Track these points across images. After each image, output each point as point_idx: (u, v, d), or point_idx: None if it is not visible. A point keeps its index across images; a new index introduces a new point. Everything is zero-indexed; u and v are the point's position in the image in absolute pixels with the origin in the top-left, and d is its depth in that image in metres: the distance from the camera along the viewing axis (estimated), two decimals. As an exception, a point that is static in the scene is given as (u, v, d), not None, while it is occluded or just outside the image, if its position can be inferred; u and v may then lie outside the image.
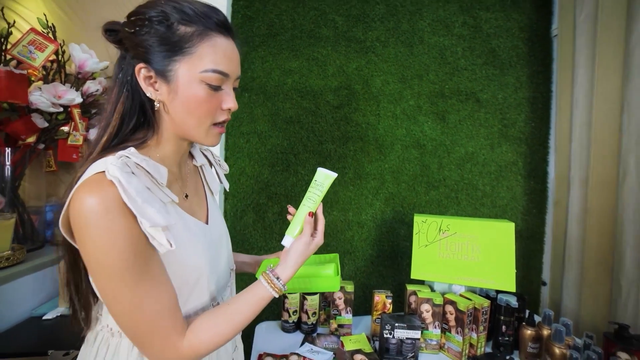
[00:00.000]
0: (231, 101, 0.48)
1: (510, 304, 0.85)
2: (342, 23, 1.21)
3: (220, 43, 0.45)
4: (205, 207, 0.58)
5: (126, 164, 0.39)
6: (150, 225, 0.38)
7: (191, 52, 0.43)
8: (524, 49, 1.27)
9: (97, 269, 0.39)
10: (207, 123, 0.47)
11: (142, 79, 0.44)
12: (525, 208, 1.29)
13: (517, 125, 1.28)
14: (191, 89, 0.44)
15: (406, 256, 1.23)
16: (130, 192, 0.37)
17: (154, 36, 0.42)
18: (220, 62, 0.45)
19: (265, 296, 0.50)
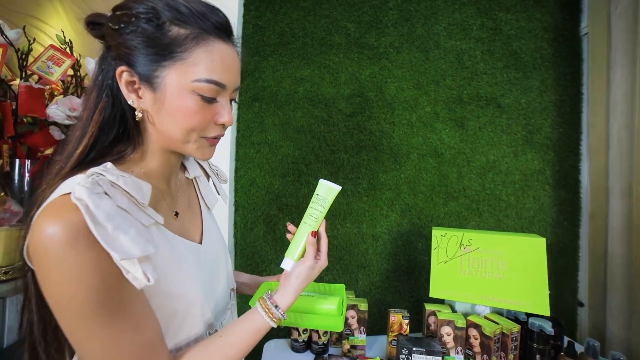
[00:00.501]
0: (227, 115, 0.41)
1: (545, 330, 0.76)
2: (354, 30, 1.18)
3: (218, 49, 0.39)
4: (200, 225, 0.52)
5: (97, 183, 0.34)
6: (121, 258, 0.31)
7: (183, 58, 0.37)
8: (548, 50, 1.20)
9: (62, 310, 0.33)
10: (194, 136, 0.41)
11: (124, 84, 0.38)
12: (555, 220, 1.19)
13: (543, 131, 1.20)
14: (180, 99, 0.38)
15: (424, 271, 1.16)
16: (98, 217, 0.31)
17: (140, 36, 0.36)
18: (217, 71, 0.39)
19: (261, 327, 0.45)
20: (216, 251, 0.52)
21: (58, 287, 0.32)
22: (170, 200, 0.47)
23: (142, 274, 0.32)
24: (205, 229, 0.52)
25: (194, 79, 0.38)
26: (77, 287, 0.31)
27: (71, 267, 0.31)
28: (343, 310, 0.59)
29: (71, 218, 0.31)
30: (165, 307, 0.40)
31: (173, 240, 0.43)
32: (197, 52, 0.38)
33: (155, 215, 0.40)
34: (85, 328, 0.33)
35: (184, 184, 0.53)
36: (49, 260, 0.31)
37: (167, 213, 0.46)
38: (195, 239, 0.49)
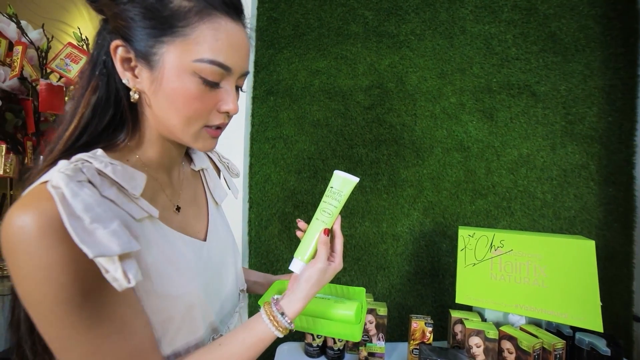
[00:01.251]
0: (231, 103, 0.37)
1: (598, 348, 0.66)
2: (373, 18, 1.12)
3: (225, 27, 0.34)
4: (205, 221, 0.48)
5: (81, 170, 0.30)
6: (94, 255, 0.27)
7: (185, 34, 0.33)
8: (595, 28, 1.06)
9: (34, 311, 0.29)
10: (196, 125, 0.37)
11: (119, 61, 0.35)
12: (602, 221, 1.06)
13: (587, 121, 1.07)
14: (179, 81, 0.34)
15: (449, 274, 1.07)
16: (74, 208, 0.28)
17: (138, 6, 0.33)
18: (223, 51, 0.34)
19: (265, 337, 0.39)
20: (223, 250, 0.48)
21: (28, 285, 0.28)
22: (171, 193, 0.44)
23: (122, 273, 0.28)
24: (211, 225, 0.48)
25: (196, 58, 0.34)
26: (48, 286, 0.28)
27: (41, 263, 0.28)
28: (362, 317, 0.52)
29: (45, 208, 0.28)
30: (160, 310, 0.36)
31: (171, 236, 0.39)
32: (200, 29, 0.33)
33: (149, 207, 0.36)
34: (61, 332, 0.29)
35: (189, 176, 0.49)
36: (19, 255, 0.28)
37: (167, 207, 0.42)
38: (199, 235, 0.46)
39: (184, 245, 0.41)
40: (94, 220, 0.28)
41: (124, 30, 0.34)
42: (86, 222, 0.28)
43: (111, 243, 0.28)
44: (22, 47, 0.76)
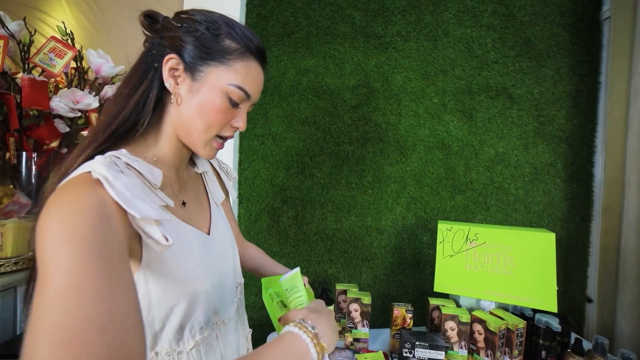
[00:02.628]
0: (242, 122, 0.48)
1: (552, 326, 0.74)
2: (360, 18, 1.14)
3: (254, 67, 0.46)
4: (208, 217, 0.54)
5: (114, 162, 0.36)
6: (140, 217, 0.33)
7: (228, 64, 0.44)
8: (565, 36, 1.14)
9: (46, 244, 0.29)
10: (212, 132, 0.46)
11: (168, 69, 0.43)
12: (566, 215, 1.16)
13: (556, 123, 1.15)
14: (213, 94, 0.44)
15: (429, 265, 1.14)
16: (118, 187, 0.33)
17: (197, 37, 0.43)
18: (248, 83, 0.46)
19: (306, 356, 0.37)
20: (224, 244, 0.53)
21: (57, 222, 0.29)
22: (177, 189, 0.49)
23: (160, 234, 0.35)
24: (213, 221, 0.53)
25: (231, 82, 0.44)
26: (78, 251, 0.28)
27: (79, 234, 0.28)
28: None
29: (91, 190, 0.32)
30: (170, 291, 0.40)
31: (181, 226, 0.45)
32: (239, 64, 0.45)
33: (166, 198, 0.41)
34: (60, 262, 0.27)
35: (193, 177, 0.55)
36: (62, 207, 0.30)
37: (175, 200, 0.47)
38: (203, 229, 0.50)
39: (192, 235, 0.46)
40: (134, 196, 0.34)
41: (180, 49, 0.43)
42: (129, 196, 0.34)
43: (150, 210, 0.35)
44: (4, 41, 0.74)
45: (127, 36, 1.15)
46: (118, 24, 1.16)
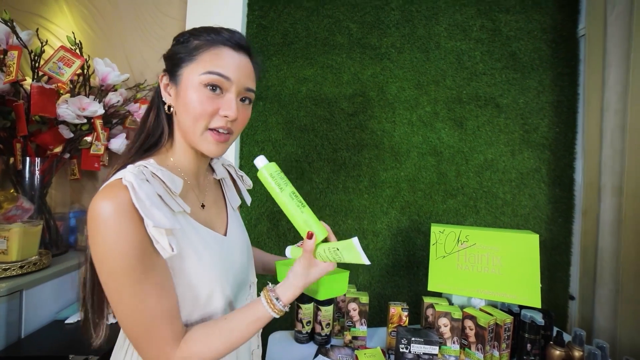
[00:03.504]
0: (229, 108, 0.47)
1: (536, 320, 0.80)
2: (357, 30, 1.20)
3: (226, 53, 0.48)
4: (225, 220, 0.58)
5: (142, 172, 0.43)
6: (153, 225, 0.39)
7: (196, 59, 0.47)
8: (547, 51, 1.22)
9: (102, 268, 0.41)
10: (201, 125, 0.47)
11: (163, 87, 0.50)
12: (550, 217, 1.23)
13: (540, 131, 1.23)
14: (191, 90, 0.47)
15: (423, 266, 1.20)
16: (140, 195, 0.40)
17: (172, 51, 0.50)
18: (221, 66, 0.47)
19: (263, 317, 0.47)
20: (240, 245, 0.58)
21: (101, 247, 0.39)
22: (198, 193, 0.55)
23: (167, 244, 0.40)
24: (230, 224, 0.58)
25: (201, 72, 0.46)
26: (116, 247, 0.39)
27: (115, 232, 0.39)
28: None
29: (120, 195, 0.40)
30: (191, 286, 0.46)
31: (199, 228, 0.50)
32: (206, 54, 0.47)
33: (184, 204, 0.47)
34: (118, 284, 0.40)
35: (212, 183, 0.60)
36: (100, 226, 0.39)
37: (195, 204, 0.52)
38: (220, 231, 0.55)
39: (210, 237, 0.51)
40: (152, 205, 0.41)
41: (166, 66, 0.50)
42: (147, 204, 0.40)
43: (162, 220, 0.40)
44: (18, 52, 0.76)
45: (128, 41, 1.18)
46: (119, 29, 1.18)
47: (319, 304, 0.95)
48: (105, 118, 1.04)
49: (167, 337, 0.42)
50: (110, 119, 1.08)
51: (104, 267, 0.40)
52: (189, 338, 0.44)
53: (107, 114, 1.03)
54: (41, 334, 0.86)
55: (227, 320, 0.46)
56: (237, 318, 0.47)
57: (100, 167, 1.04)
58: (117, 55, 1.16)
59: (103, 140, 0.98)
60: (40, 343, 0.82)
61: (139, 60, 1.18)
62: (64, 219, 1.09)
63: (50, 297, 0.92)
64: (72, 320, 0.91)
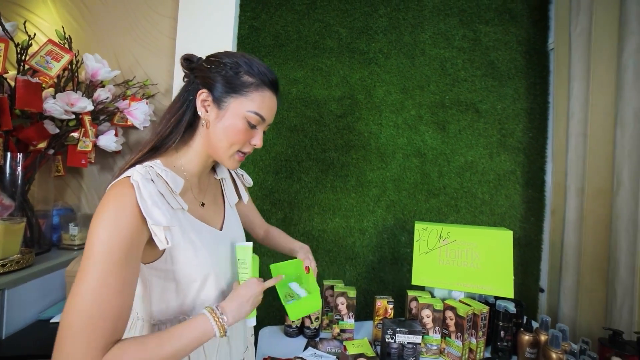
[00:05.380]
0: (258, 140, 0.58)
1: (509, 310, 0.87)
2: (346, 35, 1.24)
3: (267, 96, 0.57)
4: (222, 216, 0.64)
5: (148, 172, 0.49)
6: (152, 223, 0.45)
7: (246, 95, 0.55)
8: (521, 61, 1.31)
9: (87, 249, 0.43)
10: (234, 149, 0.56)
11: (200, 101, 0.55)
12: (524, 216, 1.32)
13: (515, 135, 1.32)
14: (234, 119, 0.54)
15: (406, 262, 1.25)
16: (143, 194, 0.45)
17: (223, 75, 0.55)
18: (263, 109, 0.56)
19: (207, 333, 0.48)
20: (234, 240, 0.63)
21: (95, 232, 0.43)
22: (198, 192, 0.60)
23: (164, 237, 0.46)
24: (226, 220, 0.63)
25: (248, 109, 0.55)
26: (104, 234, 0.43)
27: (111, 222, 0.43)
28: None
29: (127, 193, 0.45)
30: (186, 274, 0.52)
31: (196, 224, 0.55)
32: (255, 94, 0.55)
33: (182, 202, 0.53)
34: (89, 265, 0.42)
35: (212, 183, 0.66)
36: (103, 214, 0.44)
37: (194, 202, 0.58)
38: (216, 226, 0.61)
39: (206, 231, 0.57)
40: (153, 204, 0.46)
41: (210, 85, 0.55)
42: (149, 204, 0.46)
43: (160, 218, 0.46)
44: (5, 45, 0.74)
45: (116, 37, 1.16)
46: (107, 24, 1.17)
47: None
48: (93, 114, 1.02)
49: (101, 338, 0.40)
50: (98, 116, 1.06)
51: (89, 248, 0.42)
52: (121, 347, 0.42)
53: (94, 111, 1.02)
54: (23, 334, 0.84)
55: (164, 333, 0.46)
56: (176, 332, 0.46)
57: (87, 164, 1.03)
58: (104, 51, 1.15)
59: (91, 137, 0.96)
60: (23, 343, 0.80)
61: (127, 57, 1.17)
62: (46, 217, 1.06)
63: (33, 296, 0.90)
64: (57, 319, 0.89)
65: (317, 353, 0.88)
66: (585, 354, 0.73)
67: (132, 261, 0.44)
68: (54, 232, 1.11)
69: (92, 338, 0.39)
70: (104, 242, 0.42)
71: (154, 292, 0.52)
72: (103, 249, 0.42)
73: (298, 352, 0.89)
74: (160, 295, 0.53)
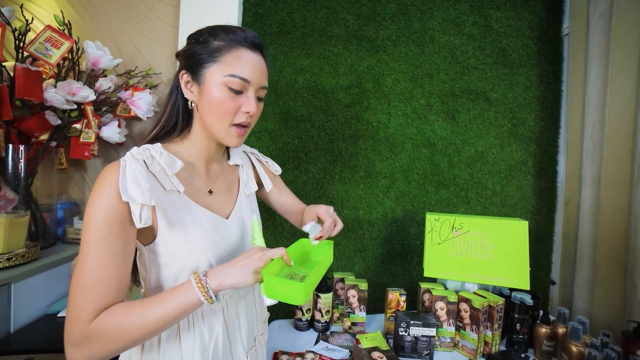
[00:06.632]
0: (249, 105, 0.52)
1: (525, 302, 0.85)
2: (353, 22, 1.21)
3: (245, 54, 0.52)
4: (233, 205, 0.60)
5: (141, 152, 0.49)
6: (123, 199, 0.44)
7: (219, 61, 0.51)
8: (534, 48, 1.27)
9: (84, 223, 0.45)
10: (226, 122, 0.52)
11: (183, 84, 0.54)
12: (535, 207, 1.29)
13: (527, 125, 1.29)
14: (215, 90, 0.51)
15: (416, 254, 1.23)
16: (126, 172, 0.46)
17: (193, 50, 0.52)
18: (243, 69, 0.51)
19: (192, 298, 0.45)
20: (241, 231, 0.59)
21: (89, 208, 0.45)
22: (206, 179, 0.58)
23: (138, 216, 0.45)
24: (235, 209, 0.60)
25: (225, 74, 0.50)
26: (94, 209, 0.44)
27: (100, 198, 0.44)
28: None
29: (114, 172, 0.46)
30: (176, 257, 0.50)
31: (192, 207, 0.53)
32: (228, 56, 0.51)
33: (178, 184, 0.51)
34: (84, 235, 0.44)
35: (227, 170, 0.63)
36: (94, 191, 0.45)
37: (200, 189, 0.56)
38: (222, 214, 0.57)
39: (204, 216, 0.54)
40: (134, 181, 0.45)
41: (186, 64, 0.53)
42: (128, 181, 0.45)
43: (136, 196, 0.44)
44: (2, 29, 0.71)
45: (117, 25, 1.13)
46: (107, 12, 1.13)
47: (318, 291, 0.96)
48: (95, 105, 1.00)
49: (94, 303, 0.43)
50: (100, 107, 1.03)
51: (85, 222, 0.45)
52: (108, 310, 0.43)
53: (96, 101, 0.99)
54: (31, 328, 0.82)
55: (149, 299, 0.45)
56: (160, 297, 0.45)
57: (90, 156, 1.00)
58: (105, 40, 1.11)
59: (94, 128, 0.94)
60: (31, 337, 0.79)
61: (129, 46, 1.14)
62: (50, 211, 1.04)
63: (40, 290, 0.89)
64: (64, 313, 0.88)
65: (330, 347, 0.86)
66: (607, 347, 0.71)
67: (121, 235, 0.45)
68: (59, 226, 1.09)
69: (85, 303, 0.42)
70: (91, 217, 0.44)
71: (152, 274, 0.51)
72: (91, 224, 0.44)
73: (309, 346, 0.87)
74: (156, 282, 0.51)
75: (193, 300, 0.44)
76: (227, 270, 0.47)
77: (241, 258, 0.48)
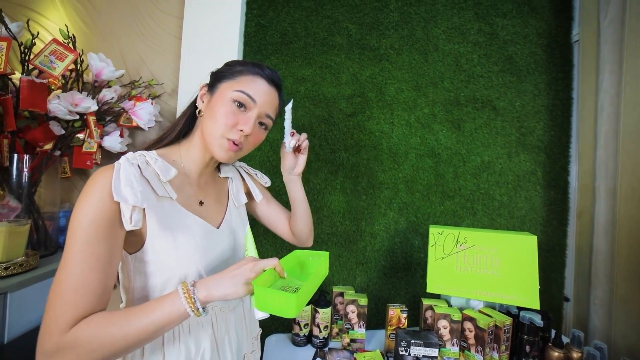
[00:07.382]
0: (245, 124, 0.54)
1: (535, 322, 0.80)
2: (356, 31, 1.20)
3: (261, 81, 0.56)
4: (223, 215, 0.61)
5: (136, 157, 0.50)
6: (116, 199, 0.44)
7: (235, 79, 0.55)
8: (542, 55, 1.24)
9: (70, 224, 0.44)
10: (220, 132, 0.53)
11: (200, 95, 0.58)
12: (545, 219, 1.24)
13: (536, 134, 1.24)
14: (221, 101, 0.54)
15: (420, 268, 1.19)
16: (120, 174, 0.46)
17: (221, 70, 0.59)
18: (252, 89, 0.54)
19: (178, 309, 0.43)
20: (235, 240, 0.60)
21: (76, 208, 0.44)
22: (197, 189, 0.58)
23: (129, 217, 0.44)
24: (225, 219, 0.60)
25: (235, 89, 0.54)
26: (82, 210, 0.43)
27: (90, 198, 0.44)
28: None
29: (107, 174, 0.46)
30: (164, 264, 0.49)
31: (183, 214, 0.53)
32: (244, 77, 0.56)
33: (171, 192, 0.52)
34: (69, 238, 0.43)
35: (217, 182, 0.64)
36: (84, 192, 0.45)
37: (191, 198, 0.56)
38: (213, 224, 0.57)
39: (195, 224, 0.54)
40: (127, 184, 0.45)
41: (210, 80, 0.59)
42: (122, 183, 0.45)
43: (128, 197, 0.44)
44: (7, 43, 0.73)
45: (123, 37, 1.15)
46: (114, 25, 1.16)
47: (316, 306, 0.93)
48: (99, 115, 1.01)
49: (73, 310, 0.40)
50: (104, 116, 1.05)
51: (71, 224, 0.44)
52: (86, 319, 0.41)
53: (100, 111, 1.00)
54: (26, 338, 0.82)
55: (131, 309, 0.43)
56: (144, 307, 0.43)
57: (92, 165, 1.01)
58: (111, 51, 1.14)
59: (96, 138, 0.95)
60: (26, 348, 0.78)
61: (134, 57, 1.16)
62: (53, 219, 1.05)
63: (37, 300, 0.88)
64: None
65: (327, 364, 0.83)
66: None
67: (108, 239, 0.44)
68: (60, 234, 1.09)
69: (63, 310, 0.40)
70: (78, 219, 0.43)
71: (136, 284, 0.50)
72: (77, 227, 0.42)
73: (306, 363, 0.84)
74: (140, 292, 0.50)
75: (179, 311, 0.43)
76: (217, 281, 0.46)
77: (232, 268, 0.47)
